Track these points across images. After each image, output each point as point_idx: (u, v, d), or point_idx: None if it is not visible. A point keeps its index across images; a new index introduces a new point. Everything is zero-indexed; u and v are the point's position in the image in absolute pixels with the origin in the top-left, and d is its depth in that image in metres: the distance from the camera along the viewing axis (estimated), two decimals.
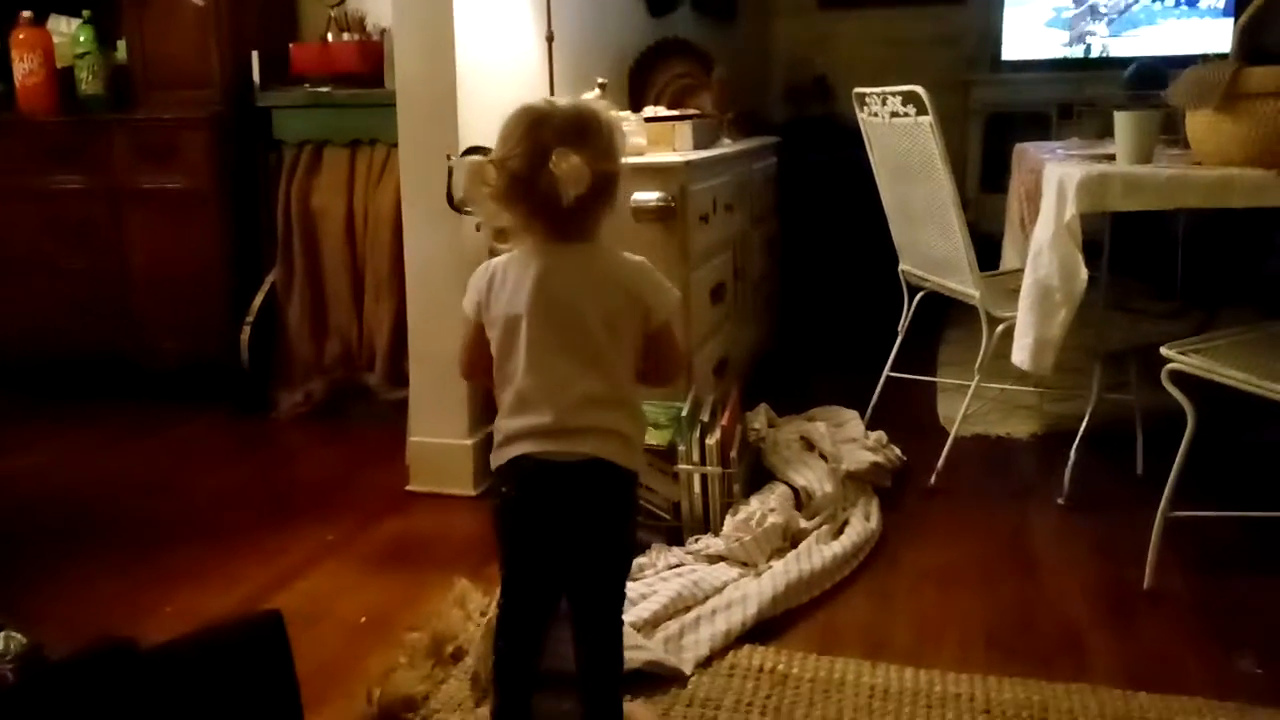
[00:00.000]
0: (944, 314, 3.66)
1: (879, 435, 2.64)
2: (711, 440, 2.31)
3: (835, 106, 5.67)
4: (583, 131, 1.38)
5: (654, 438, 2.34)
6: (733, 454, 2.33)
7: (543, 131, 1.37)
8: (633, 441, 1.45)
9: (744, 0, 5.15)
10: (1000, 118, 5.24)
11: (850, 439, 2.59)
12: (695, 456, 2.30)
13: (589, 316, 1.40)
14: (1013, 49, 5.39)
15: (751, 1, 5.34)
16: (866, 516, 2.31)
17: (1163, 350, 1.98)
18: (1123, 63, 5.03)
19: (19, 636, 1.13)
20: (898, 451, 2.61)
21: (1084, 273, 2.14)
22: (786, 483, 2.37)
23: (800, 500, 2.32)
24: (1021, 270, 2.70)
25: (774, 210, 3.77)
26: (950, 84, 5.23)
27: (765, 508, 2.21)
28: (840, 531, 2.25)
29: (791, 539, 2.19)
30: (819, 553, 2.12)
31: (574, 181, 1.33)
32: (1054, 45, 5.36)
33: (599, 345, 1.40)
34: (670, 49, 3.71)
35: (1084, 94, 5.20)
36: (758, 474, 2.44)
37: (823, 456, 2.48)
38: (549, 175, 1.33)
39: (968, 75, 5.35)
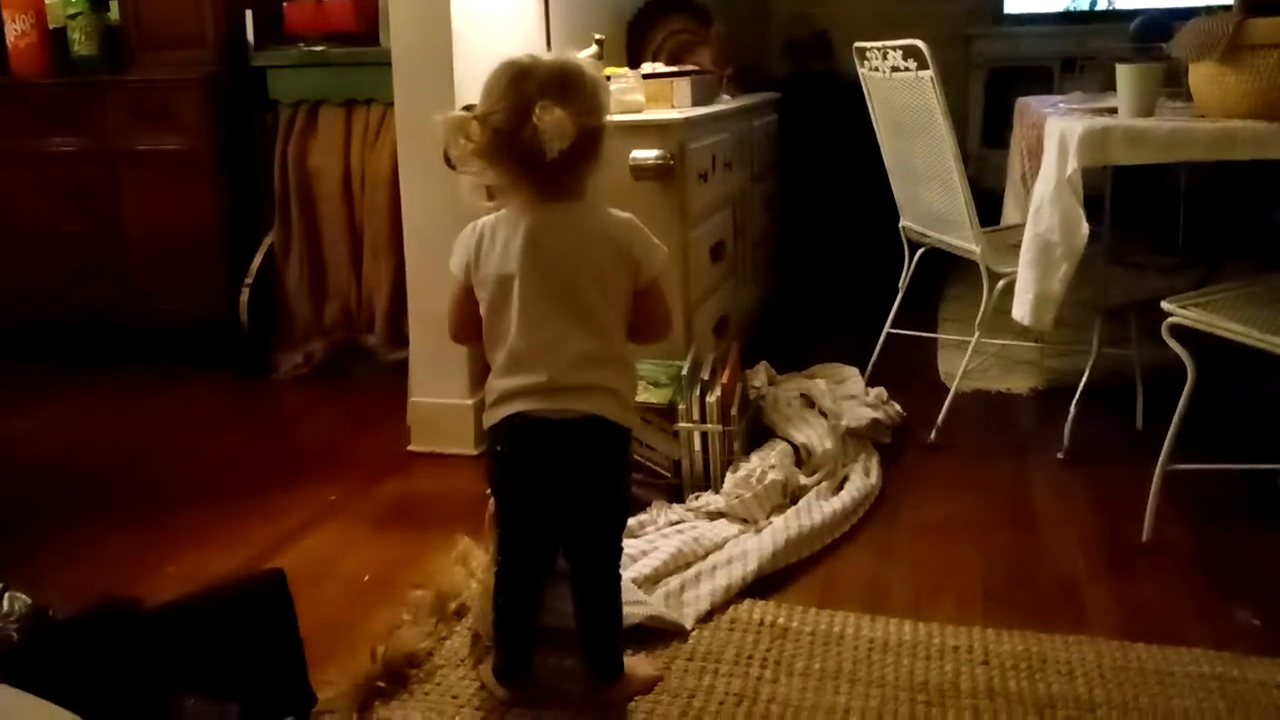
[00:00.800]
0: (945, 270, 3.65)
1: (879, 391, 2.64)
2: (712, 398, 2.31)
3: (835, 62, 5.60)
4: (566, 86, 1.38)
5: (654, 396, 2.35)
6: (733, 411, 2.34)
7: (526, 86, 1.37)
8: (626, 398, 1.48)
9: None
10: (1002, 72, 5.18)
11: (850, 396, 2.59)
12: (695, 414, 2.30)
13: (580, 274, 1.42)
14: (1015, 2, 5.32)
15: None
16: (866, 472, 2.32)
17: (1163, 304, 1.97)
18: (1127, 15, 4.99)
19: (23, 597, 1.14)
20: (898, 408, 2.62)
21: (1085, 227, 2.13)
22: (787, 440, 2.37)
23: (800, 457, 2.33)
24: (1022, 225, 2.69)
25: (774, 167, 3.75)
26: (952, 38, 5.17)
27: (765, 464, 2.22)
28: (840, 488, 2.26)
29: (791, 495, 2.20)
30: (819, 508, 2.13)
31: (558, 135, 1.33)
32: None
33: (591, 303, 1.42)
34: (668, 4, 3.66)
35: (1087, 47, 5.13)
36: (758, 431, 2.45)
37: (823, 413, 2.48)
38: (532, 129, 1.33)
39: (969, 29, 5.29)
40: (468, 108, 1.79)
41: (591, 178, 1.49)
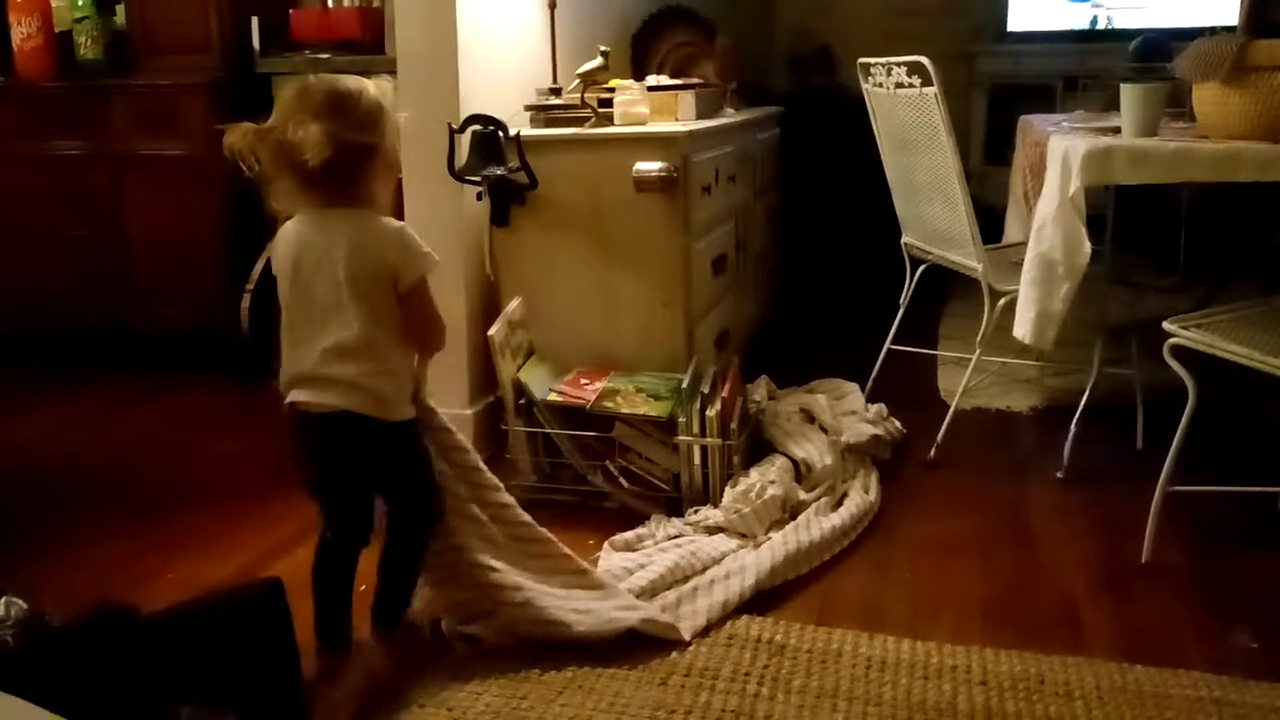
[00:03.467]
0: (946, 287, 3.66)
1: (879, 408, 2.64)
2: (712, 412, 2.31)
3: (839, 77, 5.61)
4: (337, 106, 1.55)
5: (654, 409, 2.35)
6: (733, 426, 2.33)
7: (300, 103, 1.54)
8: (380, 394, 1.60)
9: None
10: (1004, 89, 5.20)
11: (850, 411, 2.59)
12: (695, 428, 2.30)
13: (335, 278, 1.57)
14: (1019, 20, 5.34)
15: None
16: (865, 489, 2.32)
17: (1165, 325, 1.97)
18: (1129, 35, 5.01)
19: (19, 602, 1.13)
20: (898, 424, 2.61)
21: (1087, 247, 2.13)
22: (786, 455, 2.37)
23: (800, 473, 2.33)
24: (1024, 244, 2.70)
25: (777, 181, 3.75)
26: (955, 55, 5.19)
27: (765, 480, 2.22)
28: (839, 504, 2.25)
29: (790, 511, 2.20)
30: (817, 525, 2.13)
31: (309, 148, 1.49)
32: (1060, 17, 5.31)
33: (340, 303, 1.57)
34: (673, 17, 3.67)
35: (1088, 66, 5.15)
36: (758, 446, 2.45)
37: (823, 429, 2.48)
38: (292, 143, 1.52)
39: (972, 46, 5.31)
40: (475, 118, 1.89)
41: (376, 188, 1.63)
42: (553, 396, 2.42)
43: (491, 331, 2.40)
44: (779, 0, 5.78)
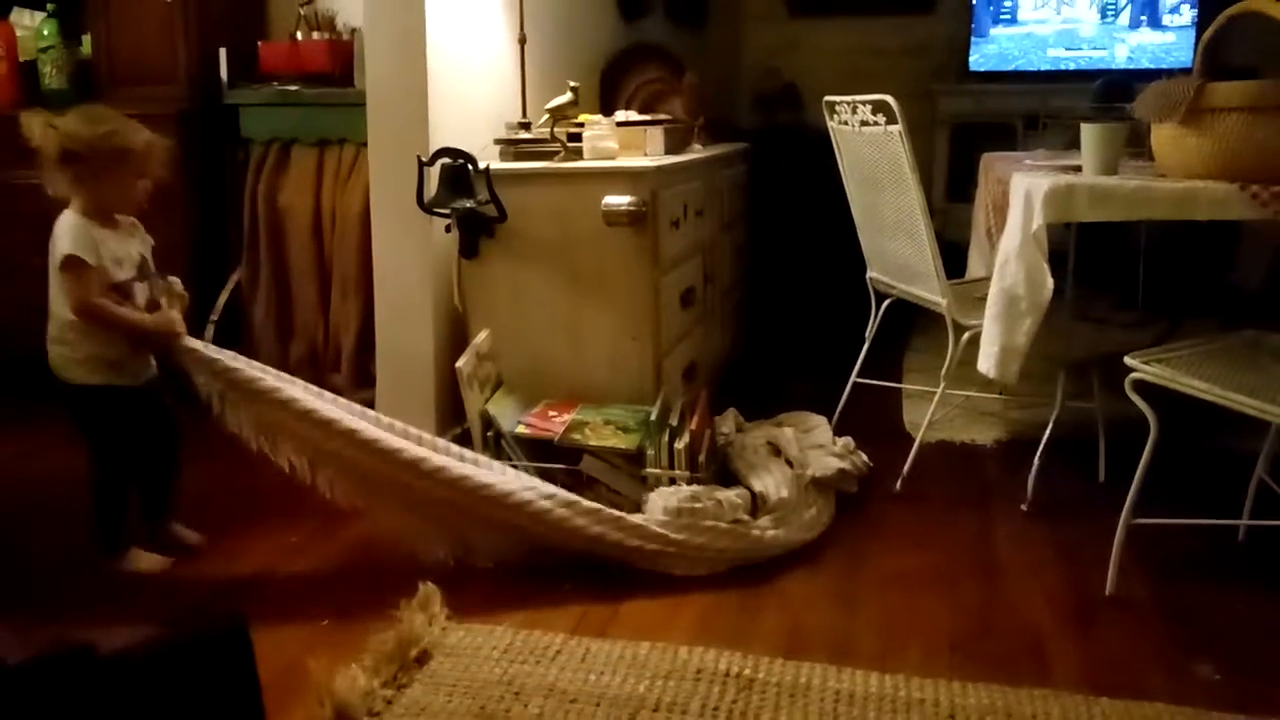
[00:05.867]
0: (910, 321, 3.69)
1: (846, 441, 2.65)
2: (680, 444, 2.31)
3: (804, 115, 5.69)
4: (84, 113, 2.07)
5: (622, 441, 2.35)
6: (701, 458, 2.34)
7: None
8: (64, 359, 2.12)
9: (715, 6, 5.17)
10: (966, 128, 5.29)
11: (818, 445, 2.59)
12: (664, 461, 2.30)
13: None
14: (980, 60, 5.44)
15: (722, 7, 5.35)
16: (818, 513, 2.34)
17: (1126, 360, 2.00)
18: (1090, 75, 5.13)
19: None
20: (864, 458, 2.63)
21: (1050, 282, 2.16)
22: (747, 487, 2.37)
23: (756, 505, 2.32)
24: (987, 279, 2.73)
25: (743, 216, 3.79)
26: (917, 93, 5.27)
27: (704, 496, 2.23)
28: None
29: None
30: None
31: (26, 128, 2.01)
32: (1020, 55, 5.42)
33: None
34: (642, 54, 3.72)
35: (1050, 105, 5.26)
36: (724, 479, 2.44)
37: (788, 462, 2.48)
38: None
39: (934, 85, 5.40)
40: (444, 151, 2.04)
41: (79, 191, 2.05)
42: (521, 429, 2.41)
43: (459, 363, 2.39)
44: (745, 39, 5.86)
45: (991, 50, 5.43)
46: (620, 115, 2.90)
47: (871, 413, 3.04)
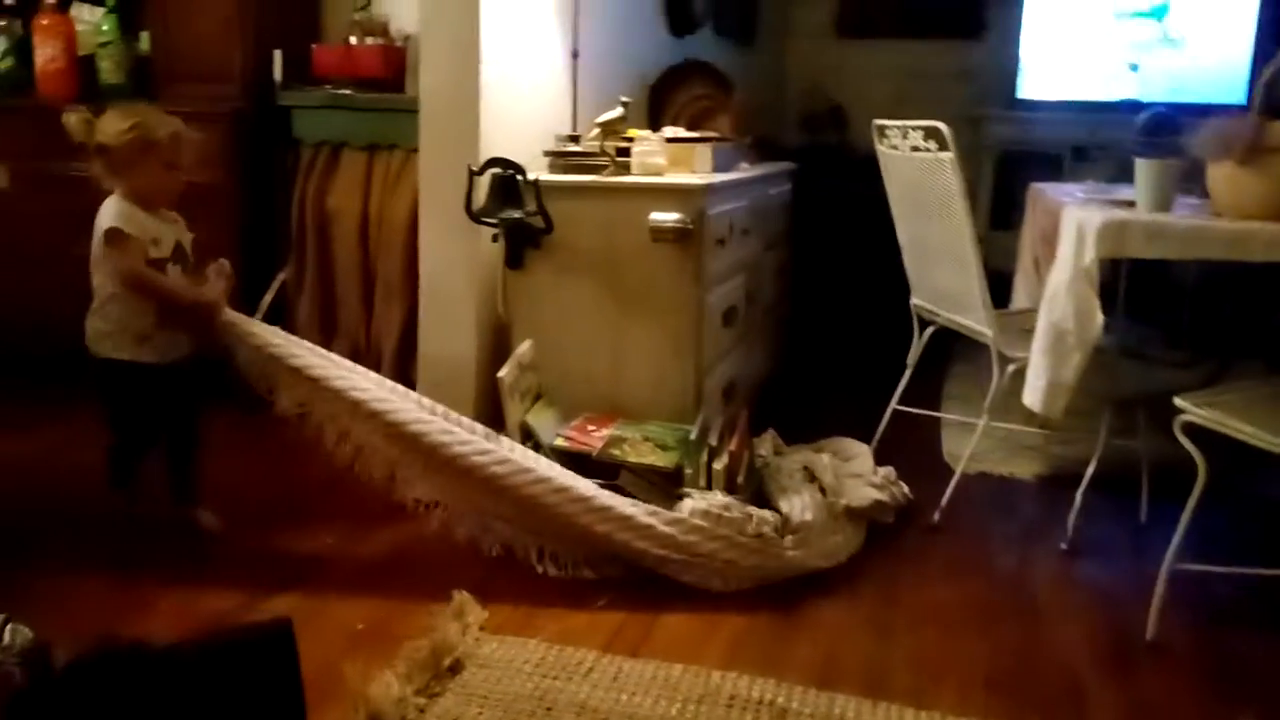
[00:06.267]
0: (950, 347, 3.66)
1: (888, 471, 2.62)
2: (719, 465, 2.30)
3: (849, 135, 5.68)
4: (116, 110, 2.23)
5: (660, 459, 2.34)
6: (739, 480, 2.33)
7: None
8: (95, 332, 2.24)
9: (764, 24, 5.17)
10: (1012, 155, 5.24)
11: (855, 474, 2.56)
12: (702, 481, 2.29)
13: None
14: (1029, 87, 5.41)
15: (771, 26, 5.36)
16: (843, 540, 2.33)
17: (1177, 401, 1.97)
18: (1138, 107, 5.08)
19: (25, 630, 1.11)
20: (905, 489, 2.59)
21: (1100, 318, 2.14)
22: (775, 510, 2.34)
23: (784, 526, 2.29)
24: (1033, 310, 2.70)
25: (786, 236, 3.78)
26: (963, 119, 5.23)
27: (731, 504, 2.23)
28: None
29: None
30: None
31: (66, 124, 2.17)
32: (1071, 86, 5.38)
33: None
34: (691, 70, 3.72)
35: (1097, 136, 5.21)
36: (760, 501, 2.43)
37: (822, 490, 2.45)
38: None
39: (981, 110, 5.35)
40: (494, 161, 2.10)
41: (113, 183, 2.21)
42: (559, 442, 2.41)
43: (501, 373, 2.40)
44: (792, 57, 5.85)
45: (1040, 78, 5.39)
46: (669, 131, 2.90)
47: (910, 440, 3.01)
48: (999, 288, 3.14)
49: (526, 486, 2.15)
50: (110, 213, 2.19)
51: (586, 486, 2.19)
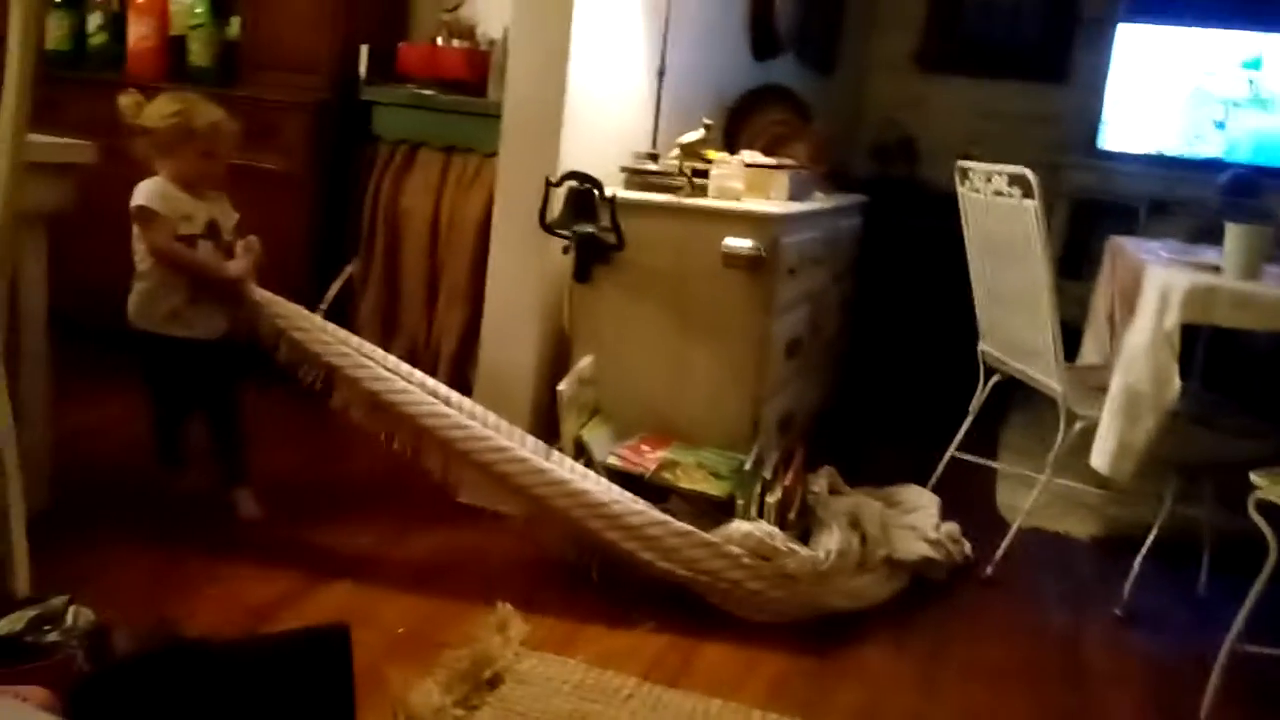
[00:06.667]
0: (1009, 395, 3.60)
1: (951, 528, 2.52)
2: (772, 499, 2.27)
3: (919, 169, 5.63)
4: (165, 96, 2.34)
5: (713, 487, 2.32)
6: (791, 516, 2.30)
7: None
8: (132, 305, 2.37)
9: (844, 53, 5.14)
10: (1087, 204, 5.14)
11: (910, 526, 2.48)
12: (753, 512, 2.26)
13: None
14: (1110, 137, 5.31)
15: (850, 54, 5.32)
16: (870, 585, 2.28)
17: (1252, 477, 1.91)
18: (1221, 166, 4.97)
19: (88, 613, 1.12)
20: (966, 549, 2.51)
21: (1177, 384, 2.09)
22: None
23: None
24: (1103, 367, 2.65)
25: (853, 269, 3.74)
26: (1039, 164, 5.13)
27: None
28: None
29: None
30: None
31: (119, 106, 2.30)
32: (1153, 138, 5.28)
33: None
34: (770, 94, 3.70)
35: (1176, 192, 5.11)
36: (804, 537, 2.38)
37: (863, 537, 2.35)
38: None
39: (1059, 157, 5.25)
40: (573, 174, 2.15)
41: (156, 163, 2.31)
42: (613, 460, 2.39)
43: (561, 386, 2.39)
44: (869, 88, 5.81)
45: (1122, 127, 5.30)
46: (746, 155, 2.88)
47: (965, 488, 2.95)
48: (1066, 339, 3.08)
49: (539, 486, 2.17)
50: (142, 191, 2.28)
51: (605, 493, 2.18)
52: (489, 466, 2.18)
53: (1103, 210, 5.03)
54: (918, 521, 2.47)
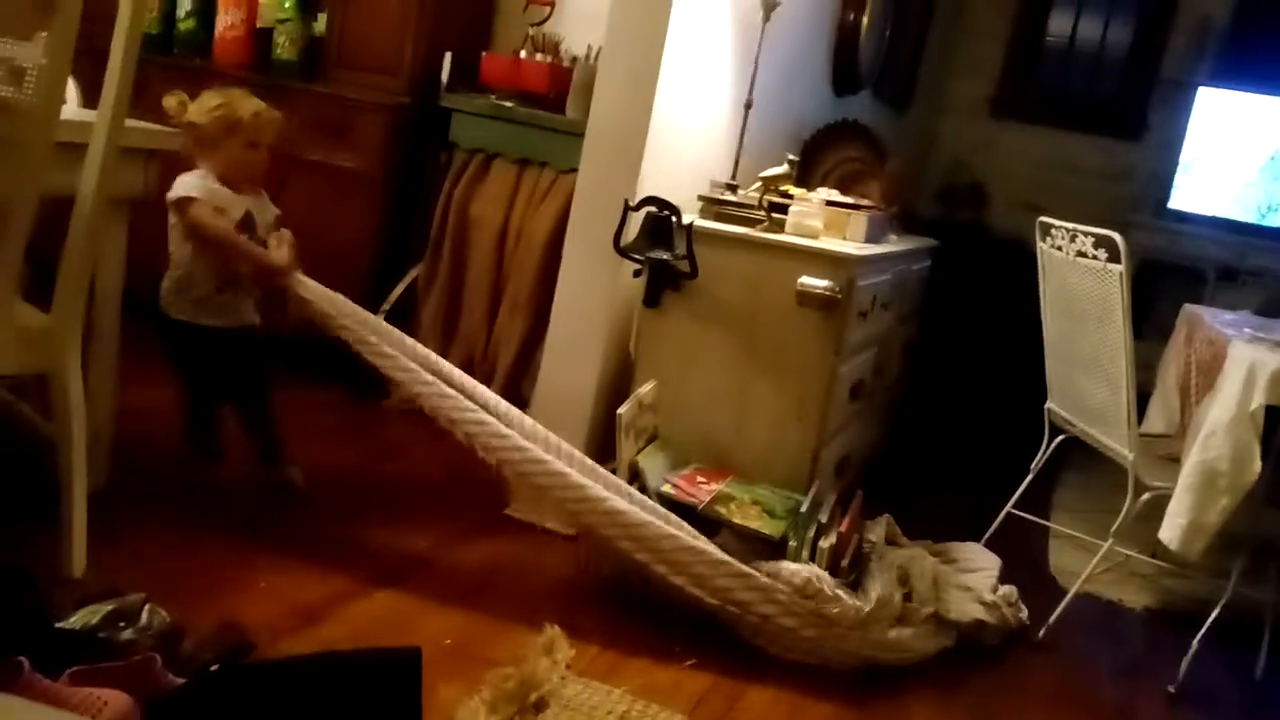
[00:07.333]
0: (1063, 453, 3.54)
1: (1008, 592, 2.46)
2: (825, 543, 2.24)
3: (986, 215, 5.58)
4: (209, 91, 2.35)
5: (766, 526, 2.29)
6: (844, 563, 2.26)
7: None
8: (164, 291, 2.37)
9: (920, 93, 5.11)
10: (1154, 265, 5.04)
11: (965, 587, 2.41)
12: (806, 555, 2.23)
13: None
14: (1182, 198, 5.23)
15: (926, 96, 5.29)
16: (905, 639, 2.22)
17: None
18: None
19: (163, 613, 1.11)
20: (1023, 615, 2.44)
21: (1258, 465, 2.04)
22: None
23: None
24: (1172, 437, 2.60)
25: (918, 313, 3.70)
26: (1108, 221, 5.07)
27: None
28: None
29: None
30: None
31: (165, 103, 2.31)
32: (1225, 203, 5.19)
33: None
34: (847, 131, 3.66)
35: (1246, 260, 5.02)
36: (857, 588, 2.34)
37: (908, 596, 2.30)
38: None
39: (1129, 215, 5.17)
40: (650, 200, 2.30)
41: (201, 156, 2.32)
42: (667, 488, 2.37)
43: (621, 410, 2.37)
44: (942, 130, 5.77)
45: (1194, 189, 5.22)
46: (823, 193, 2.86)
47: (1017, 545, 2.89)
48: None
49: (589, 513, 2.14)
50: (182, 183, 2.29)
51: (636, 514, 2.15)
52: (546, 490, 2.16)
53: (1169, 272, 4.95)
54: (974, 582, 2.42)
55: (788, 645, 2.14)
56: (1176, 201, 5.23)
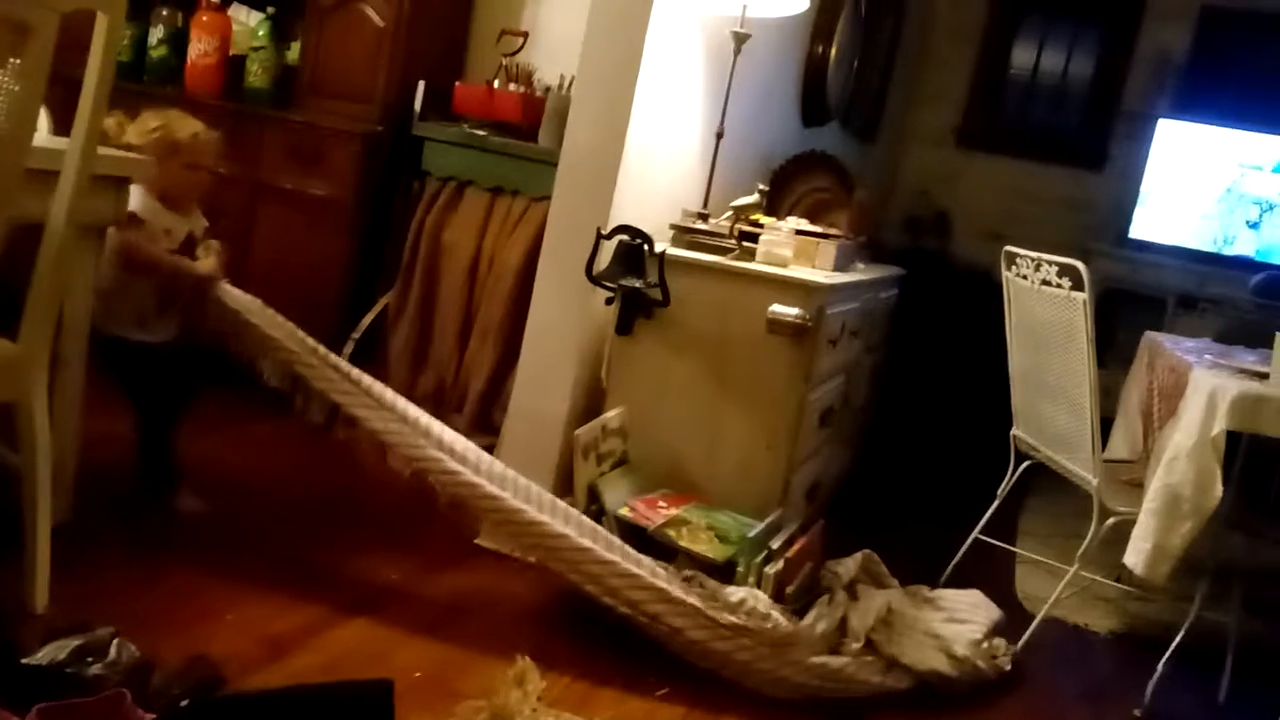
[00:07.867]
0: (1028, 479, 3.57)
1: (997, 644, 2.40)
2: (772, 569, 2.23)
3: (950, 244, 5.65)
4: (148, 113, 2.38)
5: (712, 550, 2.27)
6: (789, 589, 2.25)
7: None
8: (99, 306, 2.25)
9: (887, 124, 5.18)
10: (1114, 294, 5.13)
11: (935, 635, 2.31)
12: (752, 580, 2.22)
13: None
14: (1142, 228, 5.33)
15: (892, 126, 5.36)
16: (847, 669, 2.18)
17: None
18: (1254, 266, 4.99)
19: (131, 647, 1.10)
20: (1004, 666, 2.36)
21: (1219, 489, 2.08)
22: None
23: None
24: (1134, 462, 2.64)
25: (885, 341, 3.74)
26: (1069, 248, 5.14)
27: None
28: None
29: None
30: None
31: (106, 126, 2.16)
32: (1185, 232, 5.30)
33: None
34: (814, 161, 3.70)
35: (1206, 289, 5.12)
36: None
37: (869, 641, 2.24)
38: None
39: (1091, 245, 5.25)
40: (623, 228, 2.39)
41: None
42: (624, 511, 2.37)
43: (579, 430, 2.38)
44: (907, 159, 5.85)
45: (1155, 219, 5.32)
46: (793, 222, 2.89)
47: (982, 572, 2.91)
48: None
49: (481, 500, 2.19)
50: (130, 199, 2.27)
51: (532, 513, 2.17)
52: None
53: (1129, 300, 5.03)
54: (950, 633, 2.32)
55: (703, 655, 2.11)
56: (1137, 231, 5.34)
